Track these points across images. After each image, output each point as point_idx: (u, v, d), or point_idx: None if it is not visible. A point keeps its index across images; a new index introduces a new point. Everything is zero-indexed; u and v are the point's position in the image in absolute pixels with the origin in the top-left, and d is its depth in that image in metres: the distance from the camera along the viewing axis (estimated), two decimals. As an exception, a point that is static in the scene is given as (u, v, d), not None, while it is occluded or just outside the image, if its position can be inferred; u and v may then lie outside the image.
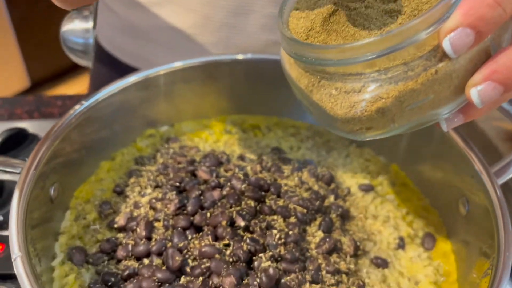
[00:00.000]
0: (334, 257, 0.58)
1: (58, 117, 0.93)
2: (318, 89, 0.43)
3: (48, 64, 2.79)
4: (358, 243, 0.61)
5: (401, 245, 0.64)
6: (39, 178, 0.55)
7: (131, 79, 0.69)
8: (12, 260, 0.45)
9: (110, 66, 0.99)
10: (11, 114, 0.92)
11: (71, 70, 2.90)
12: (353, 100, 0.40)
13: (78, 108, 0.63)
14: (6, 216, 0.69)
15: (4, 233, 0.69)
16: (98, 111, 0.67)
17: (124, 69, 0.97)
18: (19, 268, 0.44)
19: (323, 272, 0.56)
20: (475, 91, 0.38)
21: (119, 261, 0.58)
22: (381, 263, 0.60)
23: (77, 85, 2.85)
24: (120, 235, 0.61)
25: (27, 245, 0.48)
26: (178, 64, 0.73)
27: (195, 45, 0.88)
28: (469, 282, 0.58)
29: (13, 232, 0.47)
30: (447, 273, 0.61)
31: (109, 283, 0.55)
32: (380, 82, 0.39)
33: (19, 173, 0.54)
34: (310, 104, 0.46)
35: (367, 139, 0.45)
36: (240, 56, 0.75)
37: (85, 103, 0.64)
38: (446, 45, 0.37)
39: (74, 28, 0.50)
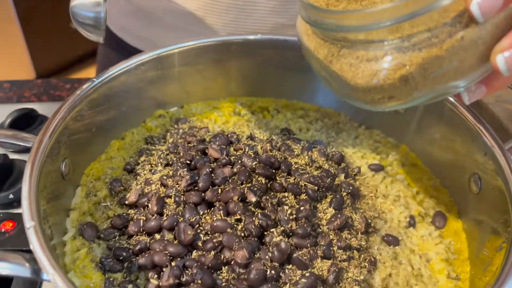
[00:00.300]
0: (345, 234, 0.58)
1: (66, 100, 0.93)
2: (338, 58, 0.42)
3: (54, 56, 2.79)
4: (369, 221, 0.61)
5: (412, 223, 0.63)
6: (51, 151, 0.55)
7: (142, 57, 0.69)
8: (26, 229, 0.45)
9: (117, 49, 0.99)
10: (20, 97, 0.92)
11: (77, 62, 2.90)
12: (375, 68, 0.40)
13: (89, 84, 0.62)
14: (16, 194, 0.69)
15: (15, 210, 0.69)
16: (109, 89, 0.67)
17: (131, 52, 0.97)
18: (33, 237, 0.44)
19: (335, 248, 0.56)
20: (502, 58, 0.38)
21: (130, 236, 0.58)
22: (392, 241, 0.60)
23: (83, 77, 2.85)
24: (131, 211, 0.61)
25: (40, 217, 0.48)
26: (190, 44, 0.72)
27: (203, 28, 0.88)
28: (480, 259, 0.57)
29: (25, 203, 0.47)
30: (458, 251, 0.61)
31: (121, 258, 0.55)
32: (403, 49, 0.38)
33: (30, 147, 0.54)
34: (329, 75, 0.45)
35: (387, 109, 0.44)
36: (251, 37, 0.75)
37: (96, 80, 0.64)
38: (474, 8, 0.36)
39: (84, 2, 0.50)
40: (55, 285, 0.42)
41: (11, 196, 0.69)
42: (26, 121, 0.79)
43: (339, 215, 0.58)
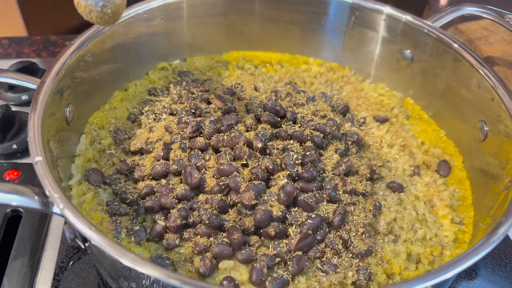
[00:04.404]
0: (350, 179, 0.58)
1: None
2: None
3: (49, 27, 2.74)
4: (374, 168, 0.61)
5: (417, 172, 0.64)
6: (54, 92, 0.54)
7: (146, 5, 0.68)
8: (34, 164, 0.45)
9: None
10: (19, 53, 0.91)
11: (72, 33, 2.86)
12: None
13: (94, 30, 0.61)
14: (20, 145, 0.69)
15: (19, 161, 0.69)
16: (112, 37, 0.66)
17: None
18: (41, 171, 0.44)
19: (340, 192, 0.56)
20: None
21: (136, 182, 0.58)
22: (397, 187, 0.60)
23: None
24: (136, 157, 0.60)
25: (47, 154, 0.48)
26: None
27: None
28: (484, 205, 0.58)
29: (32, 136, 0.46)
30: (462, 197, 0.61)
31: (127, 201, 0.55)
32: None
33: (35, 88, 0.53)
34: None
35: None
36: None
37: (100, 26, 0.62)
38: None
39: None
40: (62, 216, 0.42)
41: (14, 146, 0.68)
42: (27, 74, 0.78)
43: (344, 161, 0.58)
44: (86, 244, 0.48)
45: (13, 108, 0.74)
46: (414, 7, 1.14)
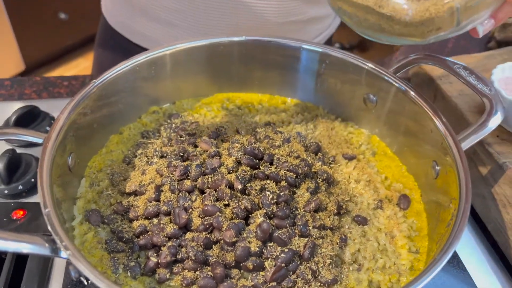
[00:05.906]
0: (320, 215, 0.66)
1: (65, 96, 1.00)
2: (387, 2, 0.49)
3: (42, 46, 2.82)
4: (341, 204, 0.69)
5: (380, 205, 0.72)
6: (59, 146, 0.62)
7: (137, 59, 0.76)
8: (44, 215, 0.52)
9: (113, 47, 1.06)
10: (21, 94, 0.98)
11: (65, 53, 2.93)
12: (427, 5, 0.47)
13: (91, 86, 0.69)
14: (25, 185, 0.77)
15: (25, 200, 0.76)
16: (107, 89, 0.74)
17: (126, 49, 1.04)
18: (51, 221, 0.52)
19: (310, 227, 0.64)
20: None
21: (131, 221, 0.66)
22: (362, 221, 0.69)
23: (72, 69, 2.89)
24: (131, 198, 0.68)
25: (55, 204, 0.55)
26: (180, 46, 0.80)
27: (199, 25, 0.95)
28: (437, 234, 0.66)
29: (42, 192, 0.54)
30: (419, 228, 0.70)
31: (123, 239, 0.63)
32: None
33: (41, 143, 0.61)
34: (379, 18, 0.50)
35: (432, 41, 0.51)
36: (236, 38, 0.82)
37: (97, 82, 0.71)
38: None
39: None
40: (70, 261, 0.50)
41: (20, 187, 0.76)
42: (30, 118, 0.86)
43: (314, 199, 0.66)
44: (89, 281, 0.56)
45: (18, 150, 0.81)
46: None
